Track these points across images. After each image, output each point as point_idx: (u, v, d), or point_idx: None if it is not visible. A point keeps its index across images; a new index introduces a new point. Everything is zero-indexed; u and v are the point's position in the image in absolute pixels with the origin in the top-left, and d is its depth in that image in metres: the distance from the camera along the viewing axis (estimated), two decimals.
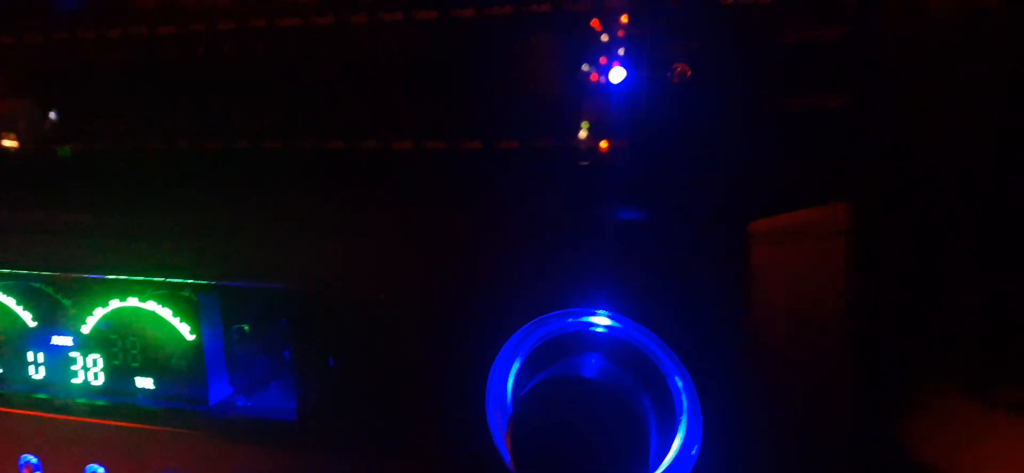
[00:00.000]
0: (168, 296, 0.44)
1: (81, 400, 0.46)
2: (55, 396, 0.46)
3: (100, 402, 0.45)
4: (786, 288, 0.35)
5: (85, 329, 0.45)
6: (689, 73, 0.37)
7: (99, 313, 0.45)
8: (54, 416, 0.46)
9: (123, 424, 0.45)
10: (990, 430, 0.42)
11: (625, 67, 0.38)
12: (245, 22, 0.43)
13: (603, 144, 0.39)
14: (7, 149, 0.49)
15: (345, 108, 0.43)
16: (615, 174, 0.39)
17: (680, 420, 0.38)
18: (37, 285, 0.47)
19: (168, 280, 0.43)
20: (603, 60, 0.38)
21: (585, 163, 0.39)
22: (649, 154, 0.38)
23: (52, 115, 0.47)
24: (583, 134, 0.39)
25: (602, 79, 0.39)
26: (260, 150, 0.44)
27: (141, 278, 0.43)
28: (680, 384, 0.37)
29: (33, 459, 0.47)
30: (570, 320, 0.38)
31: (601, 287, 0.37)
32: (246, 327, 0.44)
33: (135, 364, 0.45)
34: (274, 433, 0.42)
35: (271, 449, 0.42)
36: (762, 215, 0.35)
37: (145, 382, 0.45)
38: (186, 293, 0.43)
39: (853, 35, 0.34)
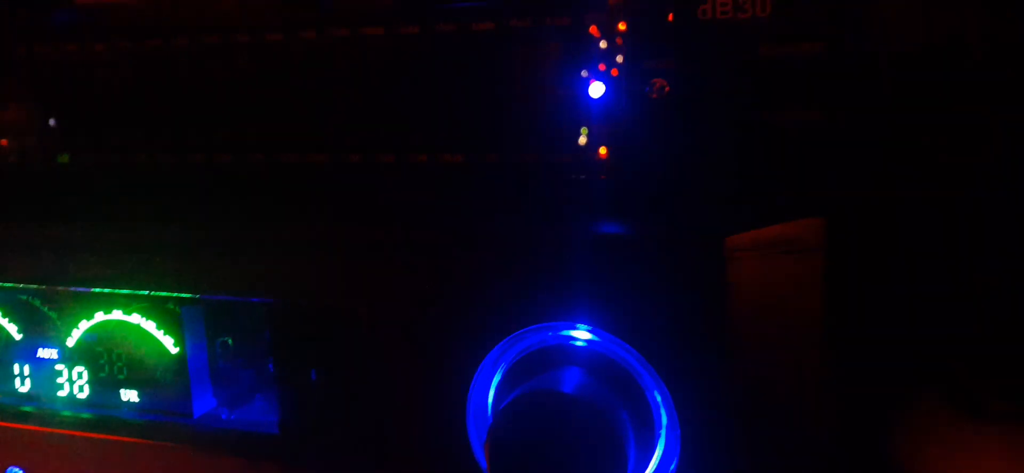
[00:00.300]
0: (152, 309, 0.44)
1: (66, 412, 0.46)
2: (41, 408, 0.46)
3: (86, 414, 0.46)
4: (764, 303, 0.35)
5: (70, 342, 0.46)
6: (668, 89, 0.37)
7: (84, 326, 0.45)
8: (40, 428, 0.46)
9: (108, 437, 0.45)
10: (976, 442, 0.42)
11: (604, 82, 0.38)
12: (229, 37, 0.43)
13: (602, 150, 0.39)
14: None
15: (328, 122, 0.43)
16: (596, 187, 0.39)
17: (659, 435, 0.38)
18: (24, 298, 0.47)
19: (153, 293, 0.43)
20: (583, 74, 0.39)
21: (582, 177, 0.39)
22: (629, 168, 0.38)
23: (39, 130, 0.48)
24: (582, 140, 0.39)
25: (582, 94, 0.39)
26: (243, 164, 0.44)
27: (126, 291, 0.43)
28: (659, 399, 0.37)
29: (19, 471, 0.47)
30: (550, 334, 0.38)
31: (580, 301, 0.37)
32: (230, 340, 0.44)
33: (120, 377, 0.45)
34: (257, 446, 0.43)
35: (254, 462, 0.43)
36: (740, 230, 0.35)
37: (130, 395, 0.45)
38: (170, 306, 0.43)
39: (828, 52, 0.35)
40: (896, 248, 0.37)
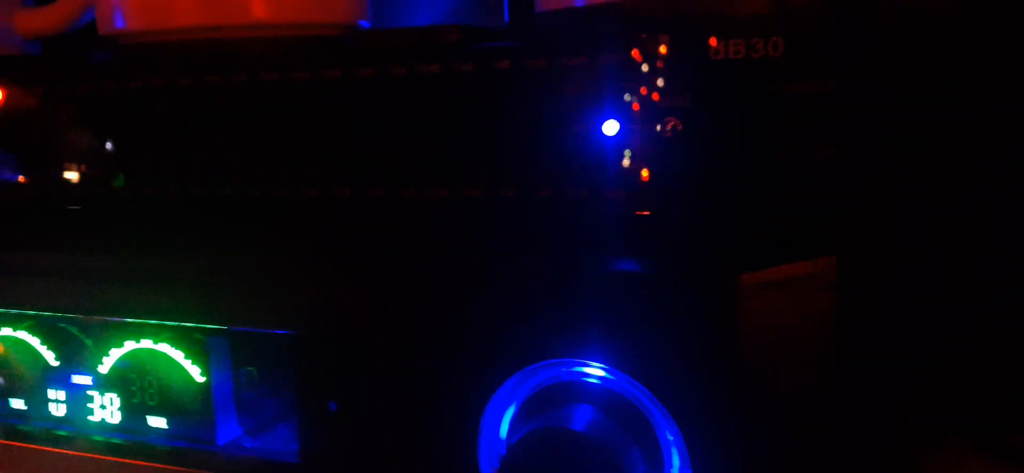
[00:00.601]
0: (180, 339, 0.45)
1: (97, 437, 0.47)
2: (73, 433, 0.48)
3: (115, 440, 0.47)
4: (777, 341, 0.35)
5: (103, 369, 0.47)
6: (680, 127, 0.37)
7: (116, 354, 0.47)
8: (70, 452, 0.47)
9: (135, 462, 0.46)
10: None
11: (618, 120, 0.39)
12: (256, 75, 0.45)
13: (644, 173, 0.39)
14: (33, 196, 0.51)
15: (351, 158, 0.44)
16: (611, 225, 0.40)
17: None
18: (62, 326, 0.49)
19: (180, 323, 0.44)
20: (598, 112, 0.39)
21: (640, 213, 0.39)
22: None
23: (73, 165, 0.50)
24: (627, 163, 0.39)
25: (596, 133, 0.39)
26: (269, 198, 0.46)
27: (155, 322, 0.45)
28: (670, 438, 0.37)
29: None
30: (564, 370, 0.39)
31: (592, 338, 0.37)
32: (254, 370, 0.46)
33: (150, 404, 0.47)
34: None
35: None
36: (752, 268, 0.35)
37: (158, 422, 0.47)
38: (197, 336, 0.45)
39: (839, 89, 0.34)
40: (910, 286, 0.36)
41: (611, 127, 0.39)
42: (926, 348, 0.40)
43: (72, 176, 0.50)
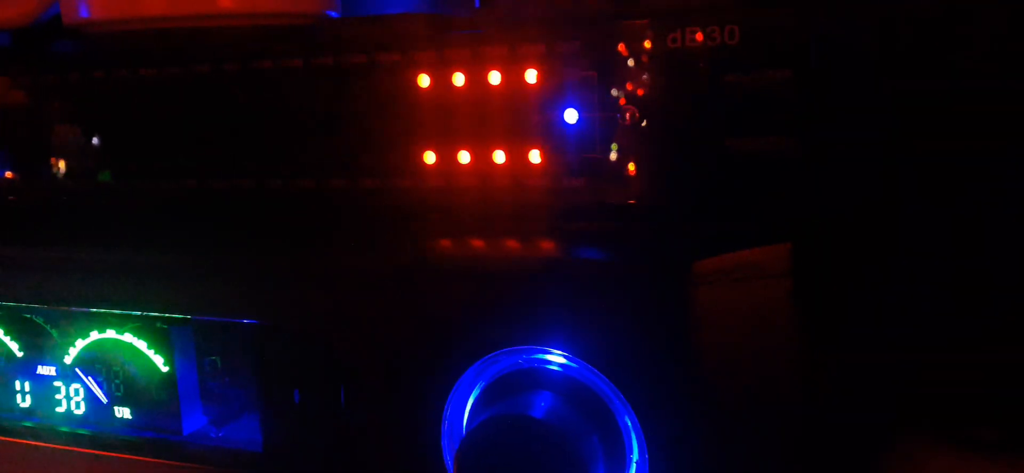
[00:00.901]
0: (144, 329, 0.45)
1: (62, 428, 0.47)
2: (38, 424, 0.48)
3: (80, 431, 0.47)
4: (733, 328, 0.35)
5: (68, 359, 0.47)
6: (638, 115, 0.37)
7: (81, 344, 0.46)
8: (35, 443, 0.47)
9: (100, 452, 0.46)
10: (962, 470, 0.42)
11: (577, 109, 0.39)
12: (220, 65, 0.45)
13: (605, 161, 0.39)
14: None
15: (314, 148, 0.44)
16: (570, 213, 0.40)
17: (630, 461, 0.38)
18: (27, 316, 0.48)
19: (144, 313, 0.44)
20: (558, 102, 0.39)
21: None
22: (601, 194, 0.39)
23: (37, 157, 0.50)
24: (587, 152, 0.39)
25: (557, 121, 0.39)
26: (235, 189, 0.46)
27: (118, 311, 0.45)
28: (629, 424, 0.37)
29: None
30: (524, 358, 0.39)
31: (552, 326, 0.37)
32: (218, 360, 0.46)
33: (116, 394, 0.47)
34: (241, 463, 0.43)
35: None
36: (707, 256, 0.35)
37: (123, 412, 0.46)
38: (159, 325, 0.45)
39: (794, 79, 0.35)
40: (862, 273, 0.37)
41: (571, 115, 0.39)
42: (888, 338, 0.40)
43: (35, 167, 0.50)
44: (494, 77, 0.40)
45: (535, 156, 0.40)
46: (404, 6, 0.69)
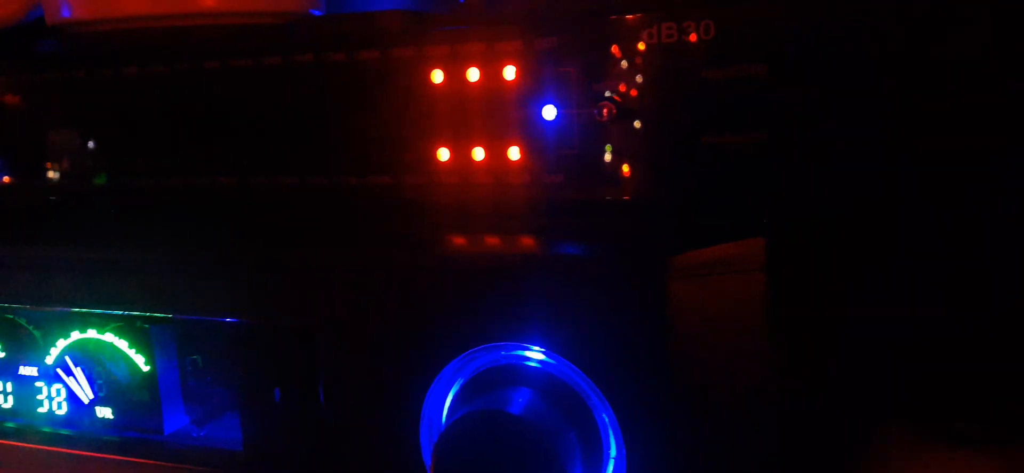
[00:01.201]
0: (124, 329, 0.45)
1: (44, 428, 0.47)
2: (19, 424, 0.48)
3: (62, 431, 0.47)
4: (709, 323, 0.35)
5: (49, 359, 0.47)
6: (615, 111, 0.37)
7: (62, 344, 0.46)
8: (17, 444, 0.47)
9: (82, 453, 0.46)
10: (941, 464, 0.42)
11: (556, 106, 0.39)
12: (201, 63, 0.45)
13: (583, 157, 0.38)
14: None
15: (295, 146, 0.44)
16: (548, 210, 0.40)
17: (607, 456, 0.38)
18: (9, 317, 0.48)
19: (124, 313, 0.44)
20: (536, 98, 0.39)
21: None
22: (579, 190, 0.39)
23: (19, 157, 0.50)
24: (565, 147, 0.39)
25: (535, 117, 0.39)
26: (217, 187, 0.46)
27: (99, 311, 0.45)
28: (607, 420, 0.37)
29: None
30: (503, 353, 0.39)
31: (531, 322, 0.37)
32: (199, 359, 0.45)
33: (99, 394, 0.46)
34: (222, 462, 0.43)
35: None
36: (682, 250, 0.35)
37: (104, 412, 0.46)
38: (140, 325, 0.45)
39: (770, 75, 0.35)
40: (837, 266, 0.37)
41: (549, 112, 0.39)
42: (868, 333, 0.40)
43: (16, 166, 0.50)
44: (472, 74, 0.40)
45: (514, 153, 0.40)
46: (387, 3, 0.70)
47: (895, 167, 0.37)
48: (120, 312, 0.44)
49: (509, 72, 0.39)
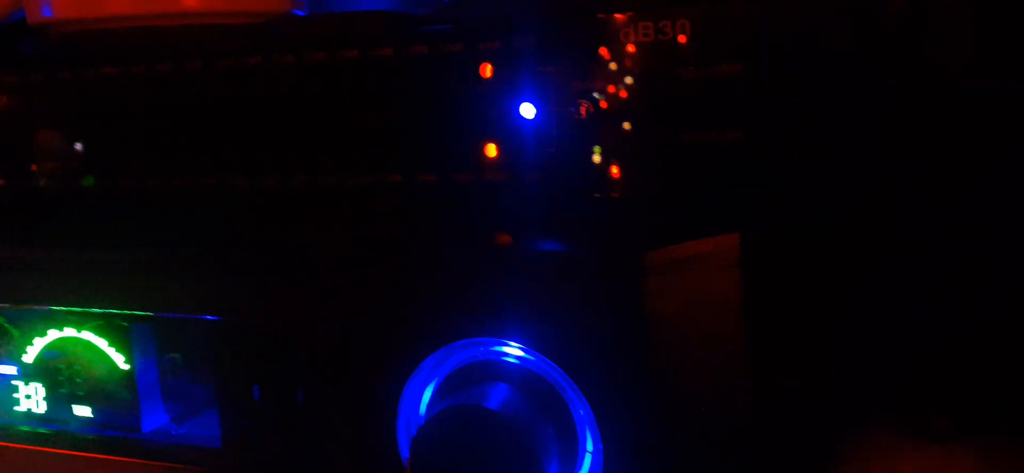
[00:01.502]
0: (103, 327, 0.45)
1: (23, 427, 0.47)
2: None
3: (41, 430, 0.47)
4: (685, 318, 0.36)
5: (28, 358, 0.47)
6: (593, 109, 0.38)
7: (40, 343, 0.46)
8: None
9: (60, 451, 0.46)
10: (917, 460, 0.42)
11: (534, 104, 0.39)
12: (182, 64, 0.45)
13: (562, 156, 0.39)
14: None
15: (275, 147, 0.44)
16: (526, 206, 0.40)
17: (584, 451, 0.38)
18: None
19: (103, 310, 0.44)
20: (514, 97, 0.40)
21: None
22: (557, 187, 0.39)
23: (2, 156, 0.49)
24: (544, 146, 0.39)
25: (514, 116, 0.40)
26: (195, 187, 0.46)
27: (78, 309, 0.45)
28: (584, 414, 0.37)
29: None
30: (481, 349, 0.39)
31: (508, 318, 0.37)
32: (178, 357, 0.46)
33: (78, 393, 0.46)
34: (201, 459, 0.43)
35: None
36: (658, 246, 0.35)
37: (83, 410, 0.46)
38: (117, 322, 0.45)
39: (744, 73, 0.35)
40: (814, 263, 0.37)
41: (528, 110, 0.40)
42: (843, 329, 0.40)
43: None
44: (452, 74, 0.40)
45: (491, 150, 0.40)
46: (370, 4, 0.70)
47: (871, 165, 0.37)
48: (99, 310, 0.44)
49: (488, 71, 0.40)
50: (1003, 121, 0.37)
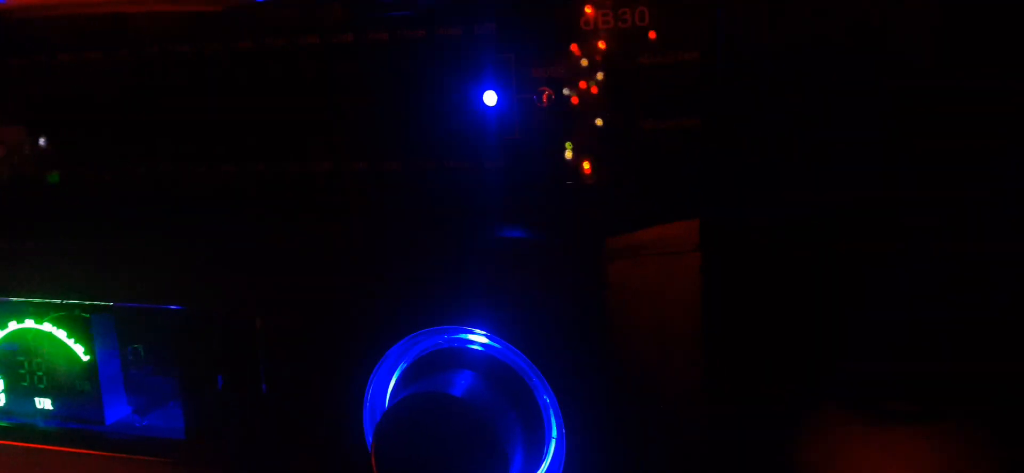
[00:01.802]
0: (63, 318, 0.44)
1: None
2: None
3: (1, 423, 0.46)
4: (645, 303, 0.36)
5: None
6: (554, 97, 0.38)
7: None
8: None
9: (22, 445, 0.45)
10: (876, 442, 0.43)
11: (496, 91, 0.39)
12: (141, 49, 0.44)
13: (525, 143, 0.39)
14: None
15: (233, 134, 0.44)
16: (490, 194, 0.40)
17: (549, 437, 0.38)
18: None
19: (63, 301, 0.44)
20: (476, 84, 0.40)
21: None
22: (519, 174, 0.39)
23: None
24: (507, 133, 0.39)
25: (476, 103, 0.40)
26: (155, 176, 0.45)
27: (37, 300, 0.44)
28: (548, 401, 0.38)
29: None
30: (445, 337, 0.39)
31: (472, 305, 0.38)
32: (140, 348, 0.45)
33: (39, 386, 0.46)
34: (165, 451, 0.43)
35: (163, 467, 0.43)
36: (619, 232, 0.35)
37: (44, 403, 0.46)
38: (78, 313, 0.44)
39: (703, 61, 0.35)
40: (775, 249, 0.38)
41: (490, 97, 0.40)
42: (800, 312, 0.41)
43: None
44: (413, 60, 0.40)
45: (454, 138, 0.40)
46: None
47: (830, 152, 0.38)
48: (58, 301, 0.44)
49: (450, 58, 0.40)
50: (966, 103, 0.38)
